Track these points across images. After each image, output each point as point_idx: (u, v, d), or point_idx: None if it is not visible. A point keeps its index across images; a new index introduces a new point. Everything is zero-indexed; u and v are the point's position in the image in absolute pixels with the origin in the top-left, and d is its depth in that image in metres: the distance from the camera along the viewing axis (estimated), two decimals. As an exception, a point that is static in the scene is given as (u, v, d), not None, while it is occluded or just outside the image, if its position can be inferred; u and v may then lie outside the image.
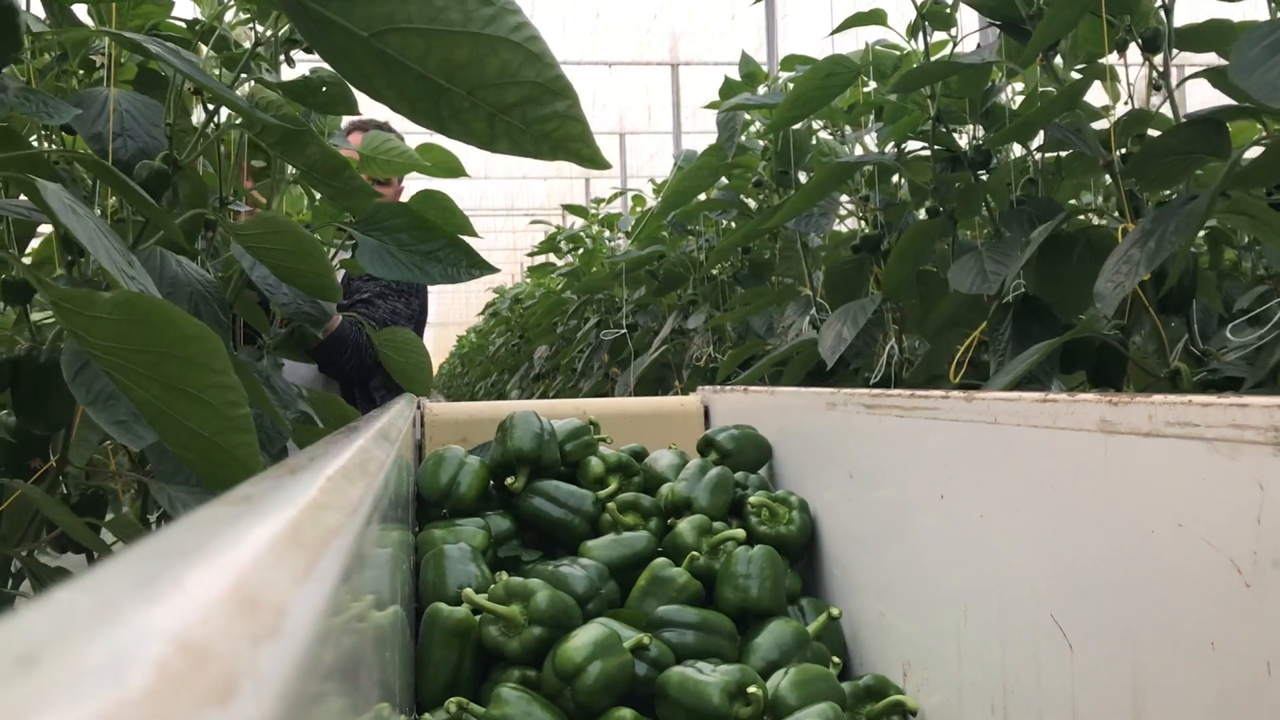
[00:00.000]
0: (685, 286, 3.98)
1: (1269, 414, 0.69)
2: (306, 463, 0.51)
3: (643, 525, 1.50)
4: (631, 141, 12.65)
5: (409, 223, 1.64)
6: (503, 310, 8.63)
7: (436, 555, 1.34)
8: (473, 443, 1.71)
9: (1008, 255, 1.92)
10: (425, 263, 1.63)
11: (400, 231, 1.64)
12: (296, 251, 1.39)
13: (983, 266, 1.92)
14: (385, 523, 0.71)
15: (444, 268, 1.63)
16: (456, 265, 1.62)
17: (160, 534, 0.30)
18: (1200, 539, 0.75)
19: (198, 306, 1.33)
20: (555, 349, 6.11)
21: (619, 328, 4.37)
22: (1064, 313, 1.93)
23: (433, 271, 1.62)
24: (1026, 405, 0.97)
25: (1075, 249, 1.93)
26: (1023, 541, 0.99)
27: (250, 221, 1.44)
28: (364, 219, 1.64)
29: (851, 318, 2.25)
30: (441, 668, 1.21)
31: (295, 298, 1.66)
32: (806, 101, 2.37)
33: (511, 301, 8.26)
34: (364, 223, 1.65)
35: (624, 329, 4.24)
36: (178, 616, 0.21)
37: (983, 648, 1.05)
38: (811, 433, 1.57)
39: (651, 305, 4.50)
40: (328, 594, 0.31)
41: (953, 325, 2.24)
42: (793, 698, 1.13)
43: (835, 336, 2.23)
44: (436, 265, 1.63)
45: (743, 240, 2.98)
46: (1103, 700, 0.85)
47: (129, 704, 0.17)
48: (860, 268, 2.57)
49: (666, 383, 4.02)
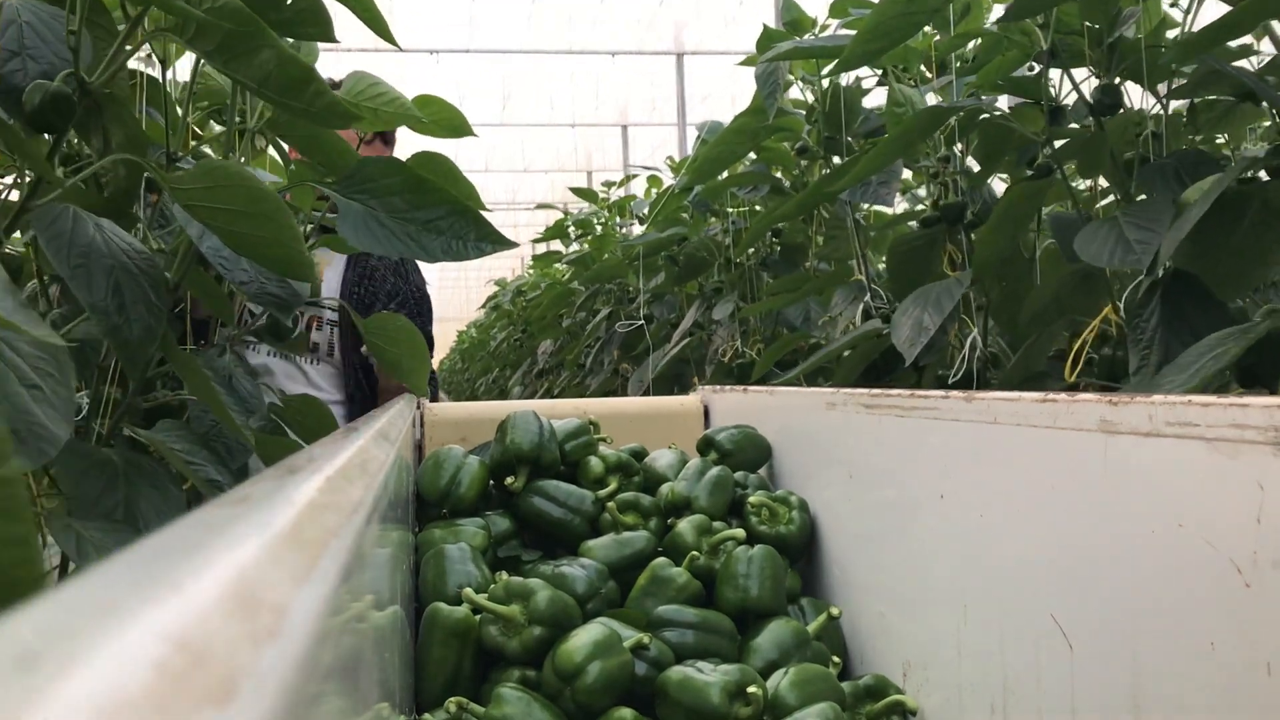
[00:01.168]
0: (709, 273, 3.55)
1: (1269, 414, 0.69)
2: (306, 463, 0.51)
3: (642, 525, 1.50)
4: (634, 134, 12.53)
5: (403, 183, 1.29)
6: (504, 303, 8.32)
7: (436, 555, 1.34)
8: (472, 442, 1.71)
9: (1155, 220, 1.54)
10: (423, 235, 1.27)
11: (392, 194, 1.28)
12: (253, 213, 1.08)
13: (1122, 235, 1.54)
14: (385, 523, 0.71)
15: (446, 241, 1.28)
16: (462, 238, 1.28)
17: (159, 534, 0.30)
18: (1200, 539, 0.75)
19: (118, 284, 1.05)
20: (560, 344, 5.77)
21: (633, 319, 4.00)
22: (1224, 291, 1.56)
23: (432, 245, 1.27)
24: (1026, 405, 0.97)
25: (1248, 212, 1.57)
26: (1023, 541, 0.99)
27: (191, 172, 1.09)
28: (346, 178, 1.30)
29: (934, 301, 1.85)
30: (441, 668, 1.21)
31: (256, 275, 1.31)
32: (887, 32, 1.89)
33: (514, 294, 7.92)
34: (346, 182, 1.29)
35: (642, 320, 3.84)
36: (177, 616, 0.21)
37: (982, 647, 1.05)
38: (811, 432, 1.57)
39: (668, 295, 4.09)
40: (327, 594, 0.31)
41: (1057, 312, 1.87)
42: (792, 697, 1.13)
43: (913, 326, 1.84)
44: (437, 238, 1.27)
45: (796, 211, 2.52)
46: (1102, 700, 0.85)
47: (128, 704, 0.17)
48: (931, 246, 2.15)
49: (684, 380, 3.60)
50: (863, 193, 2.26)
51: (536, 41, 10.32)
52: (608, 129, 12.70)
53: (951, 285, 1.89)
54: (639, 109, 12.27)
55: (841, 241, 2.66)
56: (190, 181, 1.08)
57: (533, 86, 11.68)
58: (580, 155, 13.42)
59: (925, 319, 1.84)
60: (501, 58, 10.63)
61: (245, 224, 1.09)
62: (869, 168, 1.94)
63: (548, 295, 5.76)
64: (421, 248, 1.28)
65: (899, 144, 1.91)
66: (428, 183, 1.29)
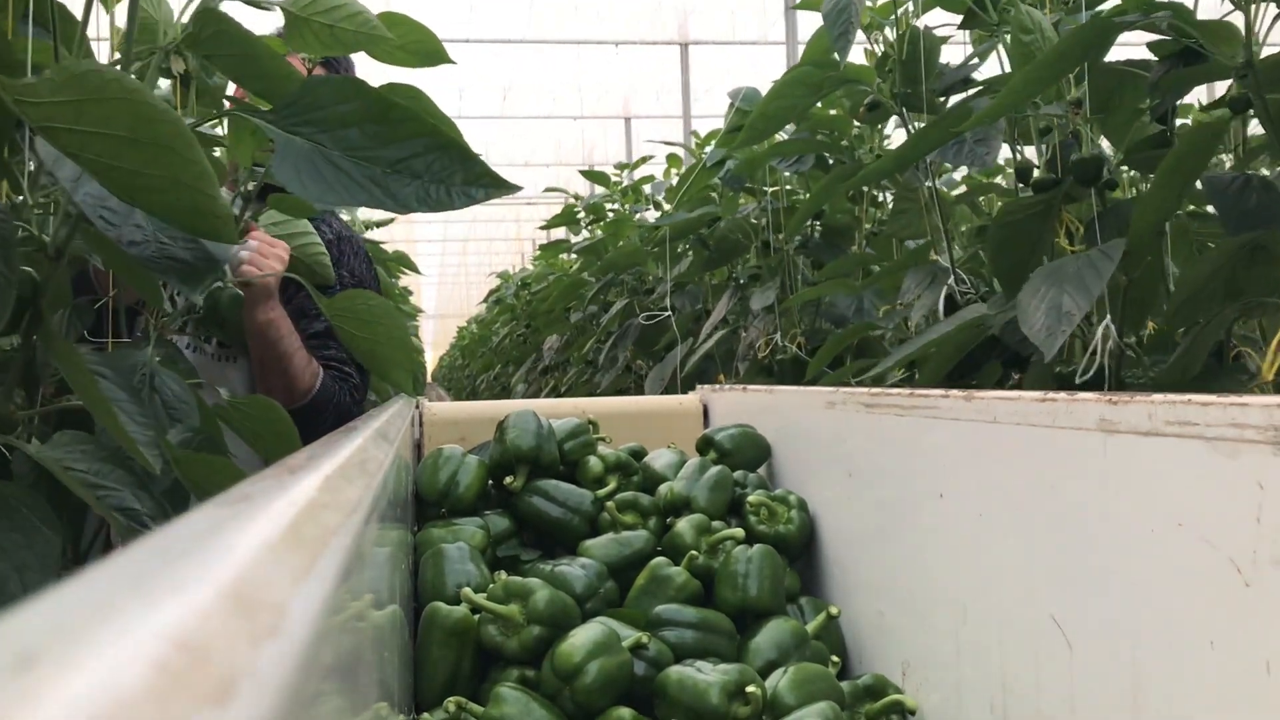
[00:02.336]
0: (743, 260, 3.17)
1: (1268, 413, 0.69)
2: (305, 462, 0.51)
3: (641, 524, 1.50)
4: (637, 126, 12.43)
5: (364, 110, 0.96)
6: (507, 297, 7.97)
7: (435, 555, 1.34)
8: (471, 442, 1.71)
9: None
10: (391, 178, 0.95)
11: (348, 125, 0.96)
12: (143, 141, 0.78)
13: None
14: (384, 522, 0.71)
15: (423, 186, 0.95)
16: (444, 182, 0.96)
17: (159, 533, 0.30)
18: (1200, 538, 0.75)
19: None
20: (567, 339, 5.34)
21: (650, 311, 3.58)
22: None
23: (404, 192, 0.95)
24: (1026, 404, 0.97)
25: None
26: (1022, 540, 0.99)
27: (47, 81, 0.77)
28: (286, 105, 0.97)
29: (1073, 280, 1.44)
30: (440, 667, 1.21)
31: (154, 233, 0.99)
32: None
33: (518, 287, 7.48)
34: (285, 111, 0.97)
35: (668, 311, 3.38)
36: (177, 616, 0.21)
37: (982, 647, 1.05)
38: (810, 432, 1.57)
39: (690, 285, 3.63)
40: (326, 594, 0.31)
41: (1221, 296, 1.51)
42: (791, 697, 1.13)
43: (1050, 311, 1.43)
44: (410, 182, 0.95)
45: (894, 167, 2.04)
46: (1102, 699, 0.85)
47: (128, 703, 0.17)
48: (1045, 215, 1.75)
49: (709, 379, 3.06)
50: (955, 154, 1.89)
51: (538, 31, 10.27)
52: (610, 121, 12.56)
53: (1096, 259, 1.47)
54: (642, 101, 12.12)
55: (912, 216, 2.24)
56: (48, 94, 0.76)
57: (534, 78, 11.61)
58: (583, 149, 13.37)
59: (1066, 302, 1.42)
60: (502, 48, 10.56)
61: (132, 156, 0.79)
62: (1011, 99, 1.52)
63: (555, 287, 5.29)
64: (389, 195, 0.95)
65: (1055, 65, 1.51)
66: (397, 109, 0.97)
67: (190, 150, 0.80)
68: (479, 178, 0.97)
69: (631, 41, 10.23)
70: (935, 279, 1.99)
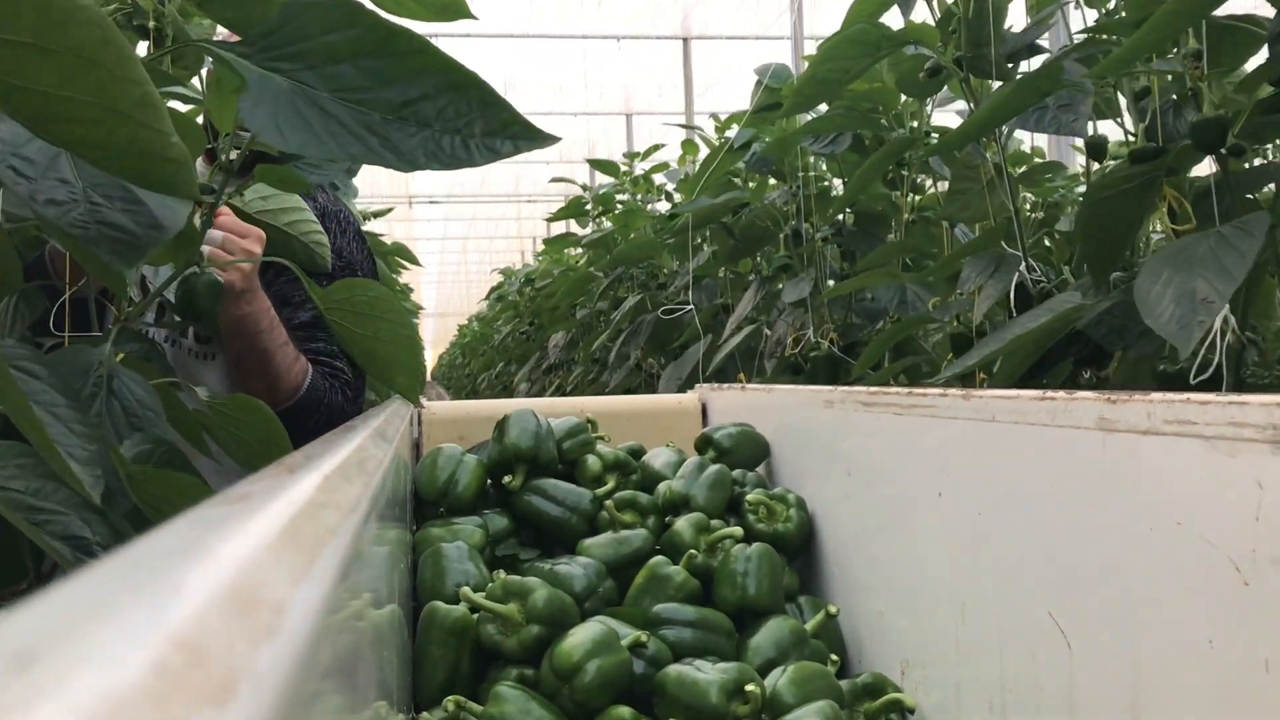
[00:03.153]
0: (773, 248, 2.94)
1: (1268, 412, 0.69)
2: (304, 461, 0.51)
3: (640, 523, 1.50)
4: (639, 122, 12.35)
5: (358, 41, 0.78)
6: (510, 294, 7.75)
7: (434, 554, 1.34)
8: (470, 441, 1.71)
9: None
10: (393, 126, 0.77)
11: (338, 59, 0.78)
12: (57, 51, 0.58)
13: None
14: (383, 521, 0.71)
15: (433, 136, 0.77)
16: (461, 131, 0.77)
17: (158, 533, 0.30)
18: (1198, 537, 0.75)
19: None
20: (573, 336, 5.14)
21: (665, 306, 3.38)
22: None
23: (408, 144, 0.78)
24: (1025, 403, 0.97)
25: None
26: (1021, 539, 0.99)
27: None
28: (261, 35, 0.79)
29: (1205, 263, 1.23)
30: (439, 666, 1.21)
31: (84, 190, 0.80)
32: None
33: (522, 283, 7.24)
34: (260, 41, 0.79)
35: (690, 306, 3.14)
36: (175, 616, 0.21)
37: (981, 646, 1.05)
38: (809, 430, 1.57)
39: (707, 279, 3.38)
40: (325, 593, 0.31)
41: None
42: (790, 696, 1.13)
43: (1180, 299, 1.21)
44: (417, 132, 0.77)
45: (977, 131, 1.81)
46: (1101, 698, 0.86)
47: (126, 703, 0.17)
48: (1144, 190, 1.51)
49: (728, 377, 2.93)
50: (1037, 121, 1.70)
51: (540, 25, 10.21)
52: (611, 117, 12.50)
53: (1234, 237, 1.25)
54: (643, 97, 12.02)
55: (971, 197, 2.02)
56: None
57: (536, 73, 11.55)
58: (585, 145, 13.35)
59: (1201, 287, 1.20)
60: (503, 43, 10.52)
61: (43, 72, 0.58)
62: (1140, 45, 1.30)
63: (562, 283, 4.99)
64: (391, 148, 0.77)
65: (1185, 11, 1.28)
66: (401, 38, 0.78)
67: (125, 65, 0.60)
68: (505, 125, 0.78)
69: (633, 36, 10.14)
70: (1001, 266, 1.80)
